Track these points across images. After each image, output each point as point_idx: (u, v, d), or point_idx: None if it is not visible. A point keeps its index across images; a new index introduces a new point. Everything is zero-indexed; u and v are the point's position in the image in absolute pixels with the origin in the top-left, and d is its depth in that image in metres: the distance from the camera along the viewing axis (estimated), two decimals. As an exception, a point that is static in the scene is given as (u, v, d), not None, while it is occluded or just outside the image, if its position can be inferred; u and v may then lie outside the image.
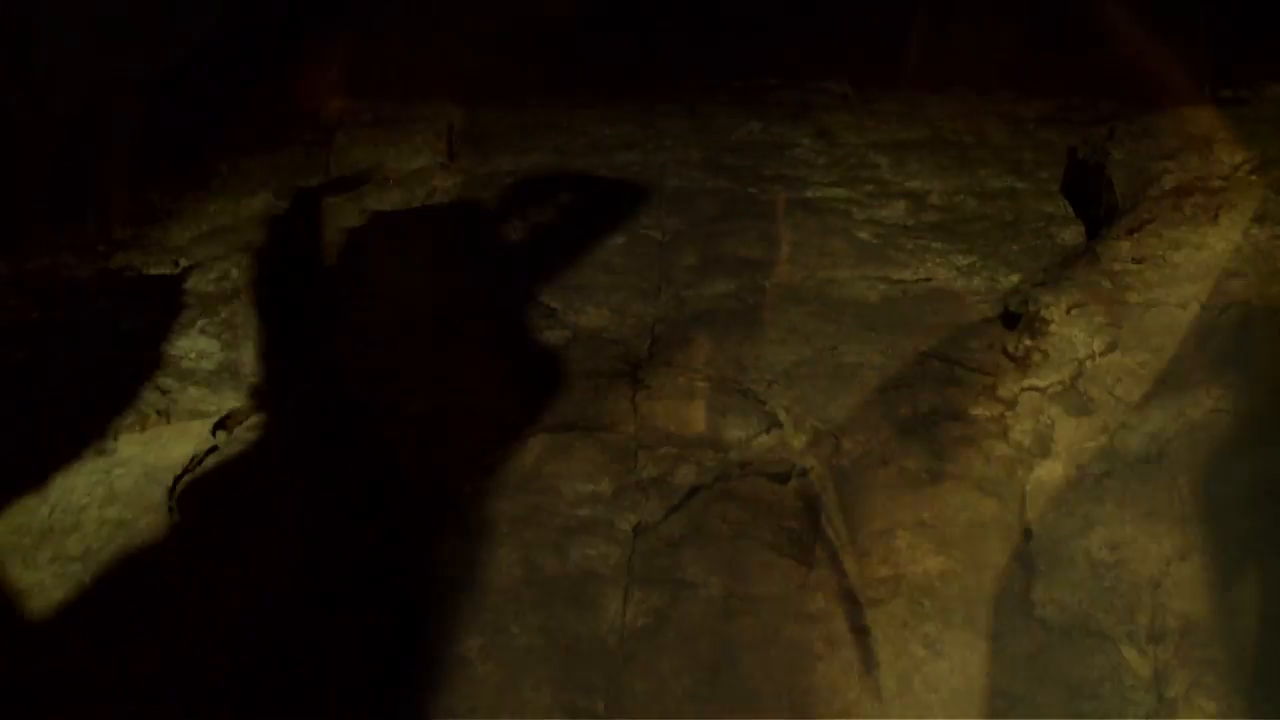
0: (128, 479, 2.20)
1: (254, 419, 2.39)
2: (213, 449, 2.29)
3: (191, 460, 2.25)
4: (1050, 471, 2.05)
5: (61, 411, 2.42)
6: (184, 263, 3.11)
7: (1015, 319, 2.54)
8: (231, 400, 2.46)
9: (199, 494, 2.17)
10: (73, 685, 1.79)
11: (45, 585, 1.96)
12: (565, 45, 4.90)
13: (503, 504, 2.11)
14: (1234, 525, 1.79)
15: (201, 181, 3.63)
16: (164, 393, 2.47)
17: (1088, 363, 2.26)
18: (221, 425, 2.37)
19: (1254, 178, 2.67)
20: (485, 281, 2.95)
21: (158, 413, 2.39)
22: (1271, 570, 1.72)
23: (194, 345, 2.64)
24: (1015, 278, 2.84)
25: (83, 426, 2.34)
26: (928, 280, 2.90)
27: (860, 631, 1.83)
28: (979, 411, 2.30)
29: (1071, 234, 3.07)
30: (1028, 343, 2.40)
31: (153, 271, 3.08)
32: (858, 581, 1.93)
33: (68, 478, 2.21)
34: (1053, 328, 2.38)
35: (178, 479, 2.21)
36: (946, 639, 1.82)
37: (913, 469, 2.17)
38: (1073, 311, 2.39)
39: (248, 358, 2.59)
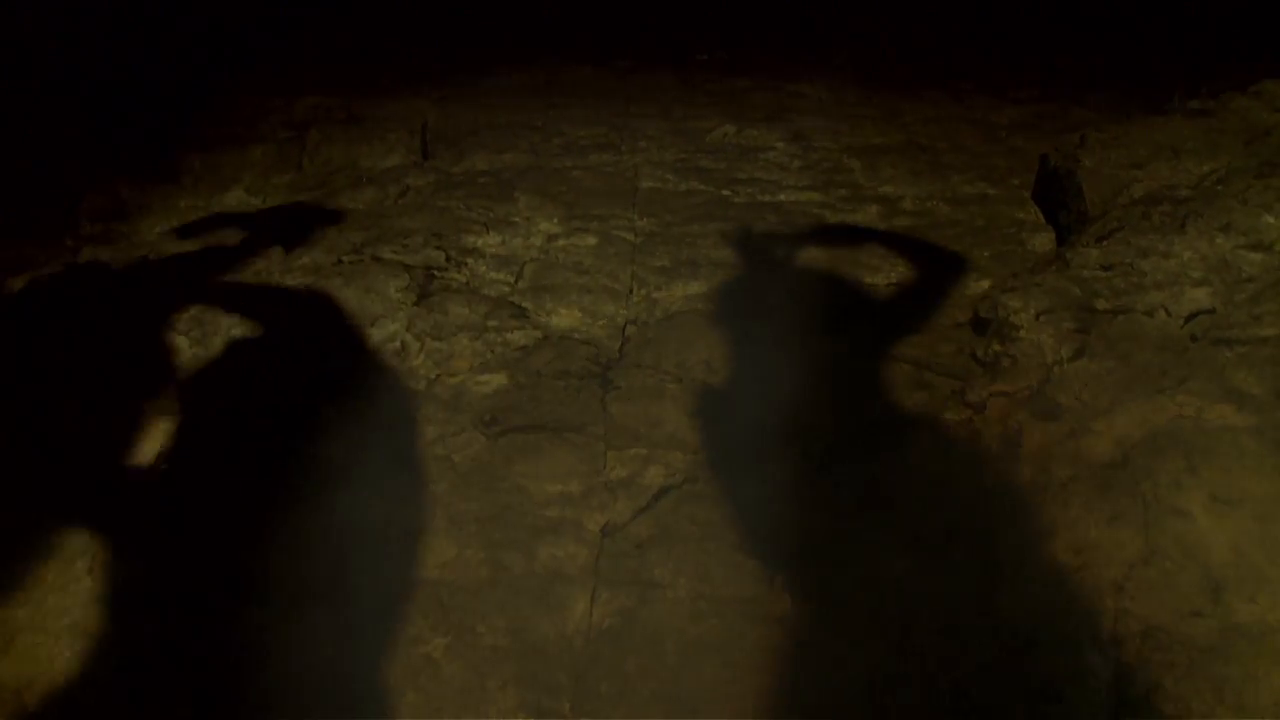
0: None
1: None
2: (179, 446, 2.28)
3: (158, 458, 2.23)
4: (1017, 476, 2.06)
5: (26, 407, 2.40)
6: (153, 258, 3.09)
7: (985, 324, 2.55)
8: (199, 397, 2.44)
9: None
10: None
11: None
12: (541, 46, 4.90)
13: (471, 503, 2.11)
14: (1193, 530, 1.81)
15: (172, 176, 3.60)
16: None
17: (1056, 368, 2.27)
18: (188, 422, 2.35)
19: (1220, 188, 2.70)
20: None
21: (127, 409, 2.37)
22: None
23: (164, 341, 2.62)
24: (985, 283, 2.85)
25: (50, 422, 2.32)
26: (899, 284, 2.91)
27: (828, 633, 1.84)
28: (948, 416, 2.31)
29: (1042, 240, 3.09)
30: (997, 348, 2.42)
31: (121, 266, 3.05)
32: (825, 583, 1.94)
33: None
34: (1022, 333, 2.39)
35: (144, 475, 2.19)
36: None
37: (882, 472, 2.18)
38: (1042, 317, 2.41)
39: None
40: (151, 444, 2.27)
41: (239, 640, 1.83)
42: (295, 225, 3.19)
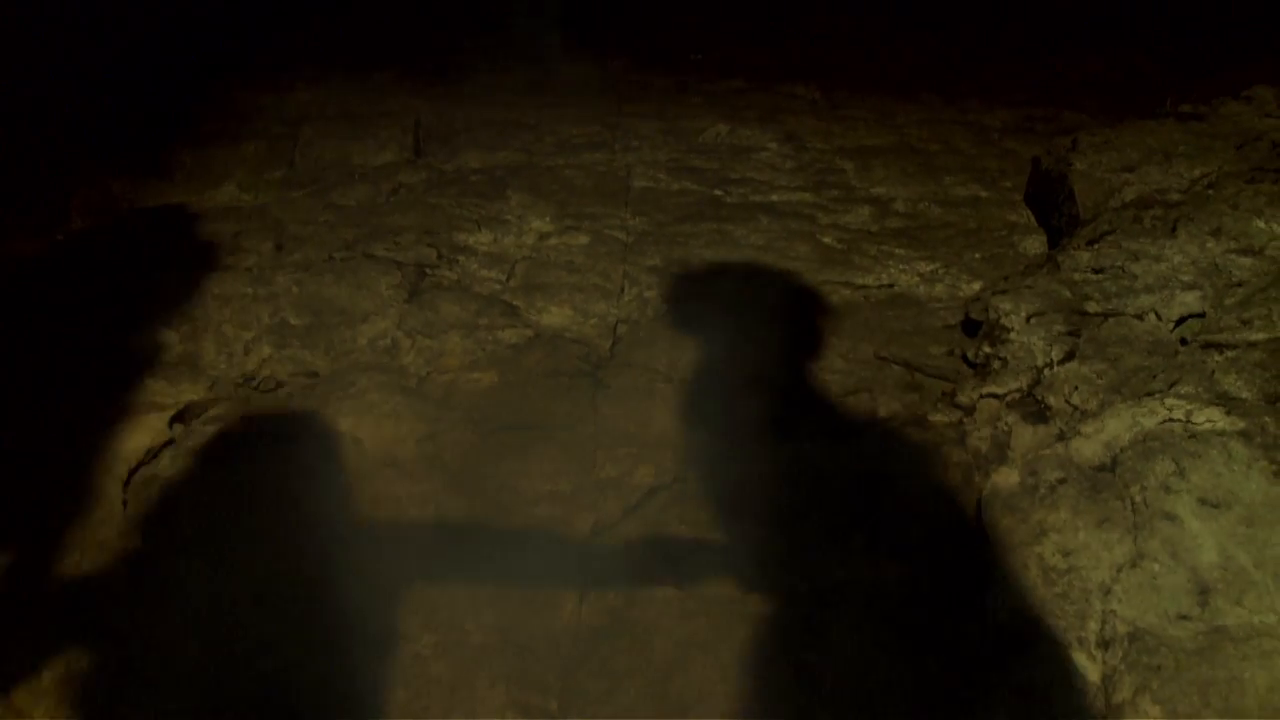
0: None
1: (212, 412, 2.37)
2: (169, 442, 2.27)
3: (146, 453, 2.23)
4: (1006, 478, 2.06)
5: (16, 402, 2.39)
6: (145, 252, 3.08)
7: (975, 326, 2.56)
8: (189, 393, 2.43)
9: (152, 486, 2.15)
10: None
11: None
12: (535, 44, 4.89)
13: (461, 501, 2.11)
14: (1182, 534, 1.81)
15: (163, 172, 3.59)
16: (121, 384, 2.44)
17: (1046, 371, 2.28)
18: (179, 418, 2.34)
19: (1211, 192, 2.71)
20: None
21: (114, 405, 2.36)
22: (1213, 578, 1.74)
23: (152, 337, 2.61)
24: (977, 285, 2.86)
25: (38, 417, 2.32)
26: (890, 286, 2.91)
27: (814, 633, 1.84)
28: (937, 418, 2.32)
29: (1033, 243, 3.09)
30: (987, 350, 2.42)
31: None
32: (813, 583, 1.94)
33: (20, 468, 2.19)
34: (1012, 335, 2.40)
35: (132, 471, 2.18)
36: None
37: (870, 472, 2.18)
38: (1032, 320, 2.41)
39: (207, 350, 2.57)
40: (141, 438, 2.26)
41: (230, 638, 1.83)
42: (287, 221, 3.18)
